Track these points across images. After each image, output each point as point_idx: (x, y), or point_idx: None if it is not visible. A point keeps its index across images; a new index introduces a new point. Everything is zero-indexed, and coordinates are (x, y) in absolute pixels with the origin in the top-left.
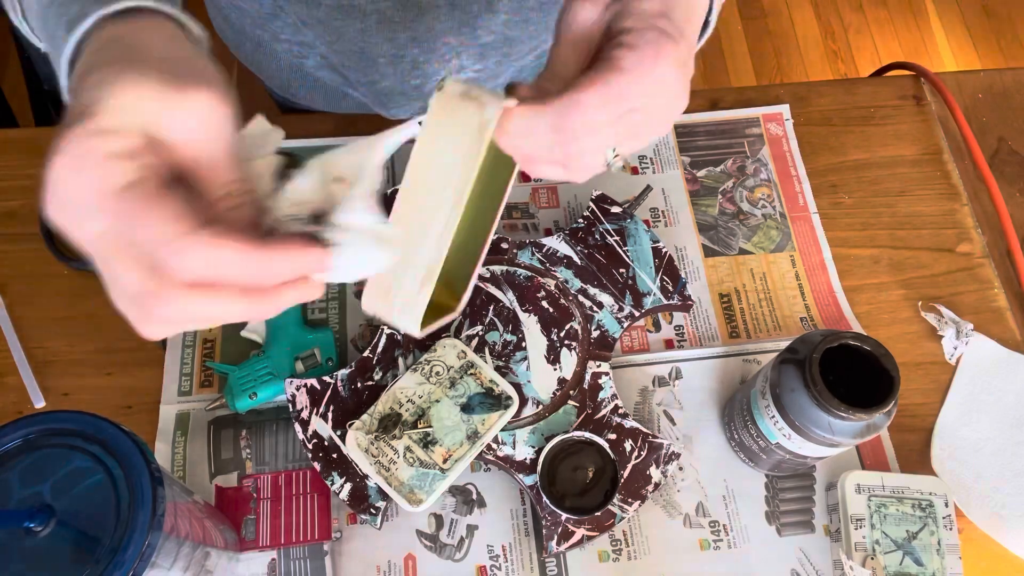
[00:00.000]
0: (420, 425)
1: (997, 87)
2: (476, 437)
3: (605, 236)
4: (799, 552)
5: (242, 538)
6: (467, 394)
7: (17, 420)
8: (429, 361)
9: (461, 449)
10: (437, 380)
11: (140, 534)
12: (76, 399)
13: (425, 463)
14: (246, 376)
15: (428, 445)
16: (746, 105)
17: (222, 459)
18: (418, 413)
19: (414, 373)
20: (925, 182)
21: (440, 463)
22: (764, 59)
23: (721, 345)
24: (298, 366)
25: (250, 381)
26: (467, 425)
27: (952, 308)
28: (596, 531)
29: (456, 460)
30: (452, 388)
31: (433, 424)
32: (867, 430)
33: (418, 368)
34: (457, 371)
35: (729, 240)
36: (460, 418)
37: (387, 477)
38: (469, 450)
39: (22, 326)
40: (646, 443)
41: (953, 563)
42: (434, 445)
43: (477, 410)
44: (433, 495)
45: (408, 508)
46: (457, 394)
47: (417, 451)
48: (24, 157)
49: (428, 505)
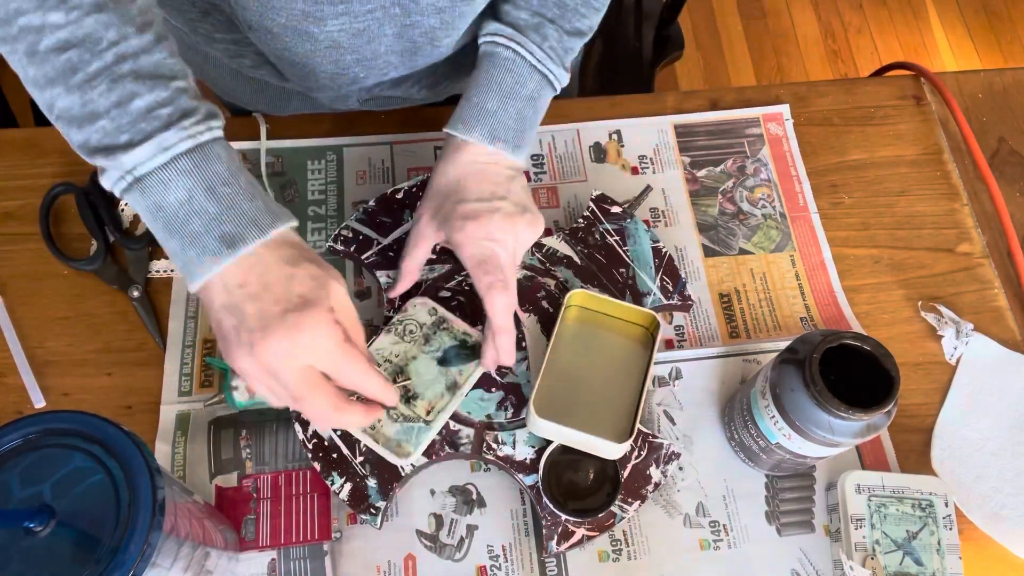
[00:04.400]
0: (399, 380)
1: (997, 87)
2: (456, 388)
3: (605, 236)
4: (799, 552)
5: (242, 538)
6: (442, 348)
7: (17, 420)
8: (402, 321)
9: (442, 400)
10: (411, 338)
11: (140, 534)
12: (76, 399)
13: (409, 417)
14: None
15: (410, 400)
16: (746, 105)
17: (222, 459)
18: (396, 371)
19: (388, 334)
20: (925, 182)
21: (423, 415)
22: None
23: (721, 345)
24: None
25: None
26: (445, 377)
27: (952, 308)
28: (596, 531)
29: (439, 411)
30: (427, 344)
31: (412, 379)
32: (867, 430)
33: (391, 328)
34: (430, 327)
35: (729, 240)
36: (438, 371)
37: (373, 435)
38: (450, 400)
39: (22, 326)
40: (646, 443)
41: (953, 563)
42: (416, 400)
43: (453, 362)
44: (420, 446)
45: (397, 461)
46: (432, 349)
47: (400, 407)
48: (24, 157)
49: (416, 456)
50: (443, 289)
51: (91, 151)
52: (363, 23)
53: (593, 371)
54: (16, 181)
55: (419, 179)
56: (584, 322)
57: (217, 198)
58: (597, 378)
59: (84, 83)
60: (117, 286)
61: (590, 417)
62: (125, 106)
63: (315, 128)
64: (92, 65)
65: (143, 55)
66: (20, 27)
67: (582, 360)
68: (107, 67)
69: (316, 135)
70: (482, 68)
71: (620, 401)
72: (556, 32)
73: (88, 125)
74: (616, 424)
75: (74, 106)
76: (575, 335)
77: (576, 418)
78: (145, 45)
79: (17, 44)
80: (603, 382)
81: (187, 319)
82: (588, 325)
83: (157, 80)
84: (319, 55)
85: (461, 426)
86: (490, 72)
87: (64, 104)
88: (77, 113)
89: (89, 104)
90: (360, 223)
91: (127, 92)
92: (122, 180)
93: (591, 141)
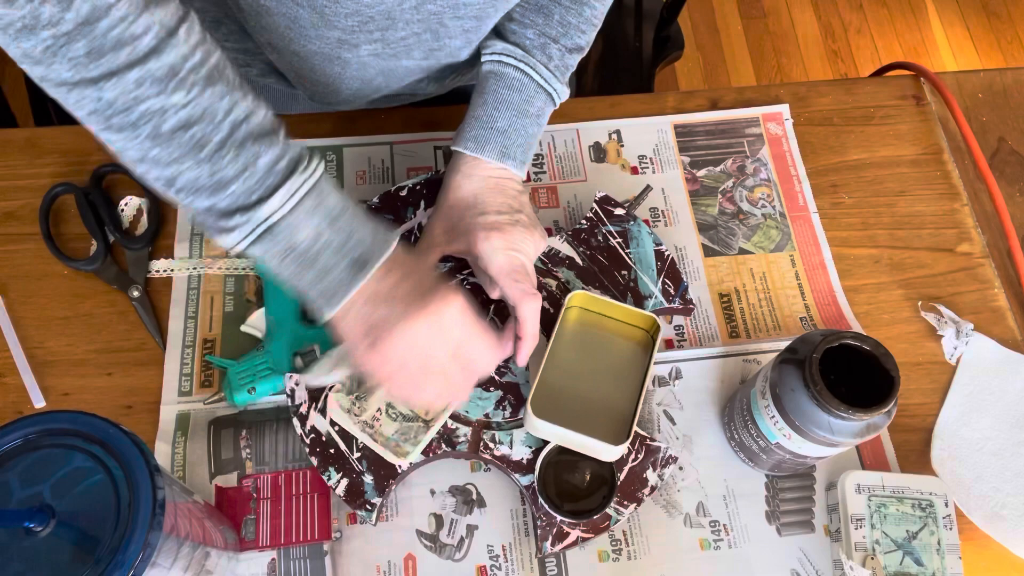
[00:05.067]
0: None
1: (997, 87)
2: None
3: (608, 238)
4: (799, 552)
5: (242, 538)
6: None
7: (17, 420)
8: None
9: None
10: None
11: (140, 534)
12: (76, 399)
13: (407, 416)
14: (245, 371)
15: None
16: (746, 105)
17: (222, 459)
18: None
19: None
20: (925, 182)
21: (422, 415)
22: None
23: (721, 345)
24: (297, 362)
25: (249, 376)
26: None
27: (952, 308)
28: (591, 533)
29: (438, 412)
30: None
31: None
32: (867, 430)
33: None
34: None
35: (729, 240)
36: None
37: (372, 434)
38: None
39: (22, 326)
40: (643, 446)
41: (953, 563)
42: None
43: None
44: (418, 447)
45: (395, 461)
46: None
47: (398, 405)
48: (24, 157)
49: (415, 456)
50: None
51: (219, 214)
52: (394, 49)
53: (592, 372)
54: (16, 181)
55: (422, 177)
56: (584, 323)
57: (339, 229)
58: (595, 380)
59: (212, 154)
60: (117, 286)
61: (588, 419)
62: (251, 168)
63: (315, 128)
64: (216, 136)
65: (252, 116)
66: (141, 113)
67: (581, 361)
68: (229, 135)
69: (316, 135)
70: (489, 86)
71: (618, 403)
72: (559, 51)
73: (219, 192)
74: (613, 426)
75: (201, 177)
76: (575, 336)
77: (574, 419)
78: (251, 106)
79: (139, 129)
80: (601, 384)
81: (187, 319)
82: (588, 326)
83: (271, 136)
84: (347, 76)
85: (459, 424)
86: (498, 91)
87: (190, 177)
88: (205, 183)
89: (218, 173)
90: None
91: (251, 155)
92: (252, 233)
93: (591, 141)
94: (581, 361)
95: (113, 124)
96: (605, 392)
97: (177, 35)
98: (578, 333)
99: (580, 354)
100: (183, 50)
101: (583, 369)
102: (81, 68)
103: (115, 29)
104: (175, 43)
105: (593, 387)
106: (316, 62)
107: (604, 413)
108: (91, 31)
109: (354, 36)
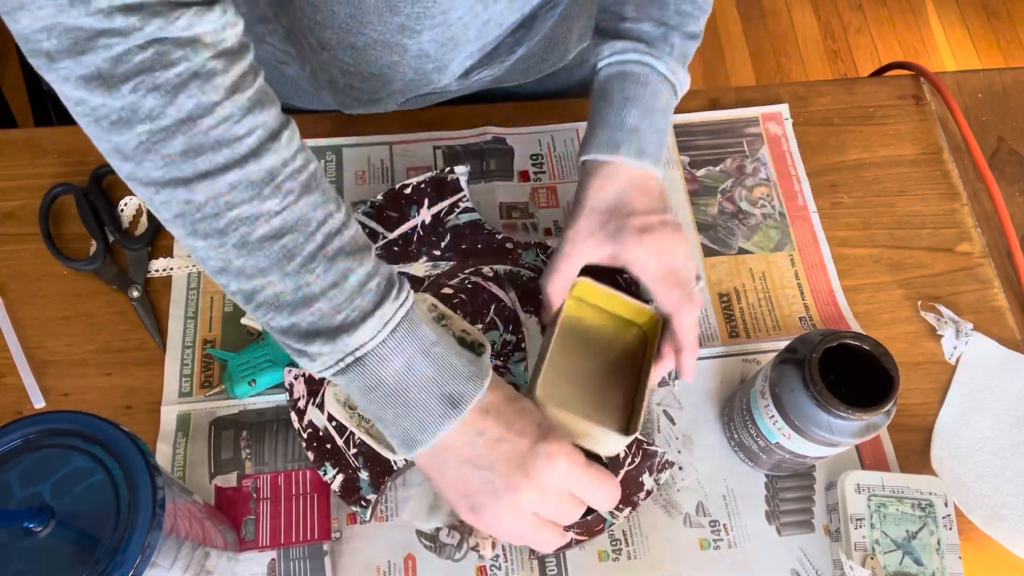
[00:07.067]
0: None
1: (997, 87)
2: None
3: None
4: (799, 552)
5: (242, 538)
6: None
7: (17, 420)
8: None
9: None
10: None
11: (140, 534)
12: (76, 399)
13: None
14: (245, 363)
15: None
16: (745, 105)
17: (222, 459)
18: None
19: None
20: (925, 182)
21: None
22: (764, 59)
23: (720, 345)
24: None
25: (249, 368)
26: None
27: (952, 308)
28: (585, 535)
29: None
30: None
31: None
32: (867, 430)
33: None
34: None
35: (728, 240)
36: None
37: (368, 428)
38: None
39: (22, 326)
40: (640, 450)
41: (953, 563)
42: None
43: None
44: None
45: (392, 457)
46: None
47: None
48: (24, 157)
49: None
50: (446, 286)
51: (300, 335)
52: (453, 31)
53: (594, 365)
54: (16, 181)
55: (428, 176)
56: (586, 316)
57: (431, 360)
58: (598, 373)
59: (301, 267)
60: (117, 286)
61: (592, 411)
62: (341, 285)
63: (315, 128)
64: (307, 248)
65: (345, 229)
66: (230, 219)
67: (583, 353)
68: (321, 248)
69: (316, 135)
70: (614, 87)
71: (621, 398)
72: (680, 39)
73: (301, 310)
74: (616, 421)
75: (286, 291)
76: (577, 327)
77: (579, 410)
78: (345, 219)
79: (226, 237)
80: (604, 377)
81: (187, 319)
82: (590, 319)
83: (363, 252)
84: (403, 65)
85: None
86: (624, 90)
87: (275, 291)
88: (289, 299)
89: (303, 288)
90: (367, 217)
91: (342, 270)
92: (341, 362)
93: None
94: (583, 353)
95: (199, 230)
96: (607, 385)
97: (280, 139)
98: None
99: (582, 345)
100: (284, 155)
101: (585, 361)
102: (174, 167)
103: (218, 128)
104: (277, 147)
105: (595, 380)
106: (374, 52)
107: (607, 406)
108: (192, 128)
109: (418, 21)
